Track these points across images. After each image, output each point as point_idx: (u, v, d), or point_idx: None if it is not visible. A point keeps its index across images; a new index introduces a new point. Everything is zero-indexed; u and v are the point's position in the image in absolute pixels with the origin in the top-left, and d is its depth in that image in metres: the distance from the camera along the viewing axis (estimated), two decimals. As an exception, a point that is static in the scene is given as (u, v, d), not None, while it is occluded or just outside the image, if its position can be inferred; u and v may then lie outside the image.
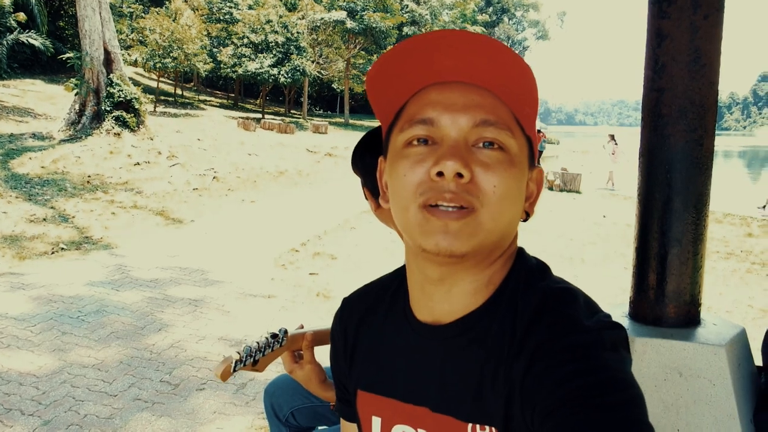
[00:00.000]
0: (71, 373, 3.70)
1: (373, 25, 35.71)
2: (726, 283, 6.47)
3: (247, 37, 31.35)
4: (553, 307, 0.70)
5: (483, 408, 0.71)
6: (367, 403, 0.86)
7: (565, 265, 7.06)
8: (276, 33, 31.32)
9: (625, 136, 24.18)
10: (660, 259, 1.99)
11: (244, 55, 31.04)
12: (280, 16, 31.98)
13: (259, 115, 30.94)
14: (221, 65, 31.57)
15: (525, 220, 0.77)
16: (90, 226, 8.08)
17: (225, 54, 31.07)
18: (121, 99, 14.60)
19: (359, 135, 4.96)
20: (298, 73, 31.32)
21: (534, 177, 0.77)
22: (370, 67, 0.72)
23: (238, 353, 1.16)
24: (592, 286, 5.90)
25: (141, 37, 27.03)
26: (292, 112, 39.48)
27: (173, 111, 25.57)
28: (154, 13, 28.30)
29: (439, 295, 0.76)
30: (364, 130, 30.56)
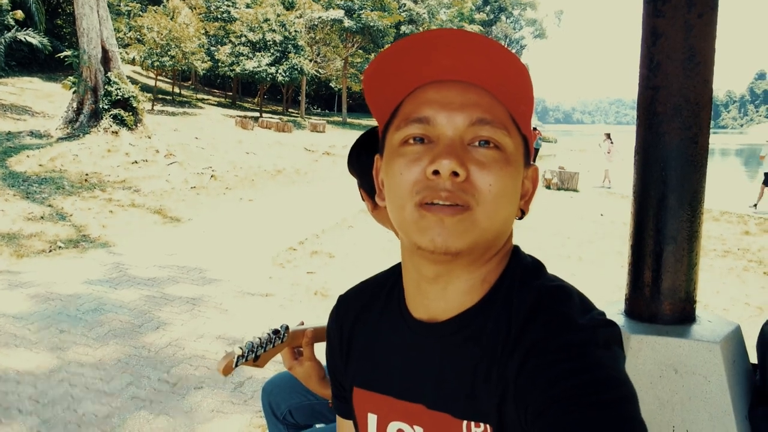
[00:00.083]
0: (69, 372, 3.69)
1: (371, 23, 35.72)
2: (723, 281, 6.48)
3: (245, 36, 31.30)
4: (547, 306, 0.71)
5: (477, 405, 0.72)
6: (362, 400, 0.86)
7: (563, 264, 7.07)
8: (274, 32, 31.27)
9: (623, 135, 24.22)
10: (655, 256, 2.00)
11: (241, 54, 31.00)
12: (278, 15, 31.93)
13: (256, 114, 30.91)
14: (219, 64, 31.54)
15: (520, 218, 0.78)
16: (88, 225, 8.07)
17: (223, 52, 31.03)
18: (118, 97, 14.59)
19: (357, 134, 4.97)
20: (296, 72, 31.29)
21: (529, 175, 0.77)
22: (368, 66, 0.73)
23: (240, 348, 1.17)
24: (589, 284, 5.92)
25: (139, 36, 26.99)
26: (289, 110, 39.46)
27: (171, 109, 25.53)
28: (151, 11, 28.22)
29: (434, 293, 0.76)
30: (361, 128, 30.59)
